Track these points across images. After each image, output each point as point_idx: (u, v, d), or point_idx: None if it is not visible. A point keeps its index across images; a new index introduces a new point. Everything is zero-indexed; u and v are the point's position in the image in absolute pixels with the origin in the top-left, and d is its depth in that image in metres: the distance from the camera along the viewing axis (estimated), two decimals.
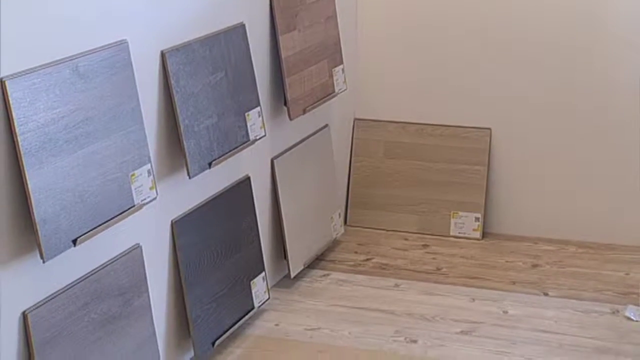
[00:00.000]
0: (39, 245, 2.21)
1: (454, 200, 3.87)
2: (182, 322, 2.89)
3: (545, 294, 3.41)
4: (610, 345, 3.04)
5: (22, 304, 2.27)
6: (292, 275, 3.45)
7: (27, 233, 2.24)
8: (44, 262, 2.23)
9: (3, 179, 2.19)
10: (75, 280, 2.41)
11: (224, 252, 3.04)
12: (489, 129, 3.86)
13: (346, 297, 3.39)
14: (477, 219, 3.84)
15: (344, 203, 4.01)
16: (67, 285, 2.38)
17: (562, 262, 3.65)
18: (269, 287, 3.32)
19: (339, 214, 3.83)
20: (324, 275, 3.56)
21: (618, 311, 3.25)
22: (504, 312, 3.28)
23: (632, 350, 2.99)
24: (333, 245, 3.77)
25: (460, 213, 3.86)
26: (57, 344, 2.33)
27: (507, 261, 3.67)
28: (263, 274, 3.25)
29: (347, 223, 3.99)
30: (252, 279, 3.19)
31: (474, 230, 3.85)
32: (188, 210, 2.90)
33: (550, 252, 3.74)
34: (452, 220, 3.87)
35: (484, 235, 3.87)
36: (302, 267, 3.52)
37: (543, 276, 3.53)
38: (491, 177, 3.88)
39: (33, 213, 2.19)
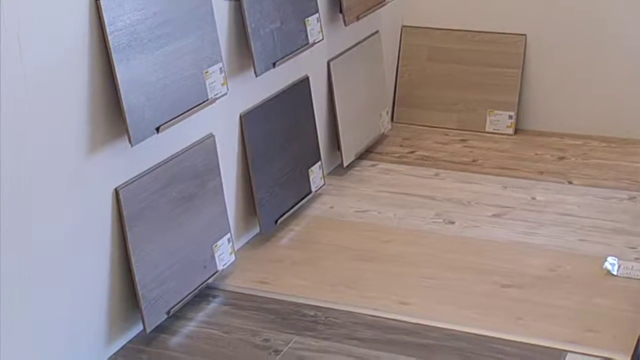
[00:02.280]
0: (127, 132, 2.29)
1: (490, 100, 3.88)
2: (249, 203, 2.96)
3: (570, 183, 3.42)
4: (627, 227, 3.06)
5: (114, 182, 2.36)
6: (345, 164, 3.49)
7: (117, 121, 2.32)
8: (132, 146, 2.31)
9: (96, 74, 2.26)
10: (158, 163, 2.49)
11: (285, 142, 3.09)
12: (524, 35, 3.84)
13: (392, 184, 3.43)
14: (510, 117, 3.85)
15: (391, 102, 4.02)
16: (151, 167, 2.46)
17: (586, 154, 3.66)
18: (325, 174, 3.36)
19: (387, 112, 3.86)
20: (373, 165, 3.59)
21: (635, 198, 3.27)
22: (532, 198, 3.31)
23: None
24: (381, 139, 3.80)
25: (496, 111, 3.87)
26: (144, 217, 2.43)
27: (536, 154, 3.68)
28: (319, 162, 3.30)
29: (394, 120, 4.00)
30: (310, 167, 3.24)
31: (507, 126, 3.86)
32: (254, 105, 2.95)
33: (576, 146, 3.74)
34: (488, 118, 3.88)
35: (516, 131, 3.87)
36: (353, 158, 3.56)
37: (568, 167, 3.55)
38: (525, 79, 3.86)
39: (122, 103, 2.26)
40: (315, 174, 3.25)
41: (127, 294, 2.43)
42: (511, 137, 3.84)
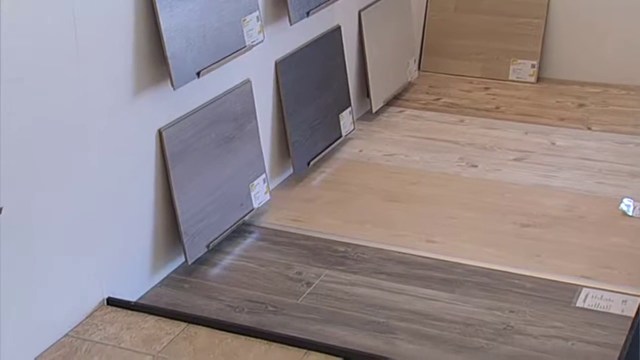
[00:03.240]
0: (170, 76, 2.32)
1: (513, 49, 3.86)
2: (283, 145, 2.99)
3: (589, 129, 3.42)
4: None
5: (157, 123, 2.39)
6: (374, 110, 3.50)
7: (161, 66, 2.34)
8: (174, 89, 2.34)
9: (141, 21, 2.28)
10: (199, 107, 2.52)
11: (318, 88, 3.10)
12: None
13: (418, 129, 3.43)
14: (533, 66, 3.84)
15: (419, 51, 4.01)
16: (192, 110, 2.50)
17: (605, 102, 3.64)
18: (354, 119, 3.38)
19: (414, 60, 3.85)
20: (400, 111, 3.60)
21: None
22: (552, 143, 3.31)
23: None
24: (408, 86, 3.80)
25: (519, 60, 3.85)
26: (185, 157, 2.46)
27: (557, 101, 3.67)
28: (350, 108, 3.31)
29: (421, 68, 4.00)
30: (340, 112, 3.25)
31: (529, 75, 3.85)
32: (289, 52, 2.96)
33: (595, 93, 3.72)
34: (511, 67, 3.87)
35: (539, 79, 3.86)
36: (382, 104, 3.57)
37: (588, 114, 3.54)
38: (548, 29, 3.84)
39: (165, 49, 2.29)
40: (346, 119, 3.27)
41: (170, 229, 2.48)
42: (533, 85, 3.83)
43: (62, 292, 2.17)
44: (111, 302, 2.31)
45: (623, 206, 2.80)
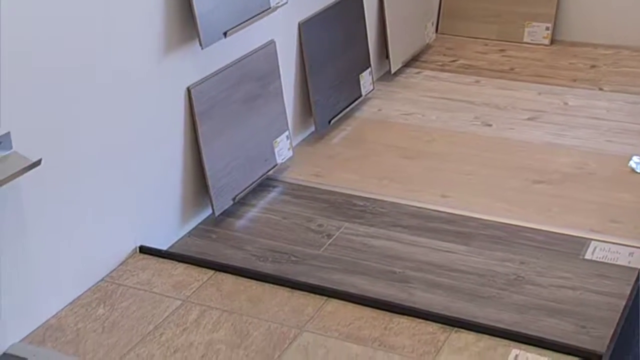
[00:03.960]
0: (198, 35, 2.34)
1: (528, 12, 3.84)
2: (306, 104, 3.01)
3: (600, 89, 3.41)
4: None
5: (186, 81, 2.41)
6: (392, 71, 3.51)
7: (189, 25, 2.36)
8: (202, 48, 2.36)
9: None
10: (225, 66, 2.54)
11: (339, 50, 3.11)
12: None
13: (435, 90, 3.44)
14: (547, 28, 3.82)
15: (437, 14, 3.99)
16: (219, 69, 2.51)
17: (617, 63, 3.63)
18: (374, 80, 3.38)
19: (432, 23, 3.84)
20: (418, 73, 3.60)
21: None
22: (564, 103, 3.31)
23: None
24: (426, 48, 3.80)
25: (533, 23, 3.84)
26: (212, 114, 2.49)
27: (570, 63, 3.66)
28: (369, 69, 3.32)
29: (438, 31, 3.98)
30: (360, 73, 3.26)
31: (544, 37, 3.83)
32: (312, 14, 2.96)
33: (607, 55, 3.71)
34: (526, 29, 3.86)
35: (552, 42, 3.84)
36: (400, 65, 3.57)
37: (600, 75, 3.53)
38: None
39: (193, 9, 2.30)
40: (365, 80, 3.28)
41: (199, 183, 2.52)
42: (547, 47, 3.82)
43: (98, 240, 2.21)
44: (143, 250, 2.35)
45: (632, 163, 2.81)
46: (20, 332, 2.03)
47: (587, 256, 2.38)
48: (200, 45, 2.33)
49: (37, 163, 1.89)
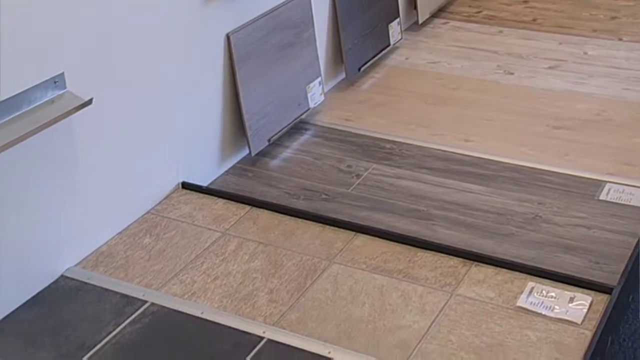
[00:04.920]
0: None
1: None
2: (337, 52, 3.01)
3: (620, 39, 3.37)
4: None
5: (225, 28, 2.43)
6: (420, 21, 3.49)
7: None
8: None
9: None
10: (262, 14, 2.55)
11: (369, 0, 3.09)
12: None
13: (460, 39, 3.42)
14: None
15: None
16: (256, 17, 2.52)
17: (637, 14, 3.56)
18: (402, 30, 3.37)
19: None
20: (444, 23, 3.57)
21: None
22: (584, 53, 3.28)
23: None
24: (452, 0, 3.77)
25: None
26: (249, 60, 2.51)
27: (591, 14, 3.60)
28: (398, 19, 3.30)
29: None
30: (389, 23, 3.25)
31: None
32: None
33: (628, 7, 3.64)
34: None
35: None
36: (427, 16, 3.55)
37: (620, 26, 3.48)
38: None
39: None
40: (394, 29, 3.27)
41: (236, 124, 2.55)
42: None
43: (144, 176, 2.27)
44: (186, 186, 2.40)
45: None
46: (76, 258, 2.10)
47: (602, 197, 2.39)
48: None
49: (89, 102, 1.94)
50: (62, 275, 2.06)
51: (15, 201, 1.89)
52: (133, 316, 1.94)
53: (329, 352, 1.82)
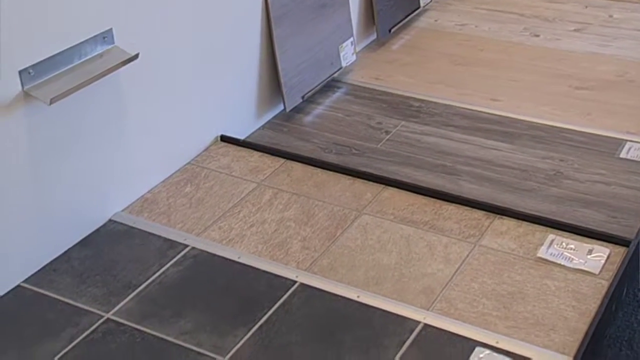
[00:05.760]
0: None
1: None
2: (369, 13, 3.01)
3: None
4: None
5: None
6: None
7: None
8: None
9: None
10: None
11: None
12: None
13: (487, 2, 3.38)
14: None
15: None
16: None
17: None
18: None
19: None
20: None
21: None
22: (609, 16, 3.24)
23: None
24: None
25: None
26: (285, 19, 2.51)
27: None
28: None
29: None
30: None
31: None
32: None
33: None
34: None
35: None
36: None
37: None
38: None
39: None
40: None
41: (272, 81, 2.57)
42: None
43: (186, 128, 2.31)
44: (224, 139, 2.44)
45: None
46: (122, 203, 2.16)
47: (622, 155, 2.39)
48: None
49: (135, 57, 1.97)
50: (110, 220, 2.12)
51: (68, 150, 1.94)
52: (175, 259, 2.00)
53: (358, 296, 1.85)
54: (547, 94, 2.72)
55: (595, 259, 1.95)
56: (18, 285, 1.90)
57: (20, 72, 1.75)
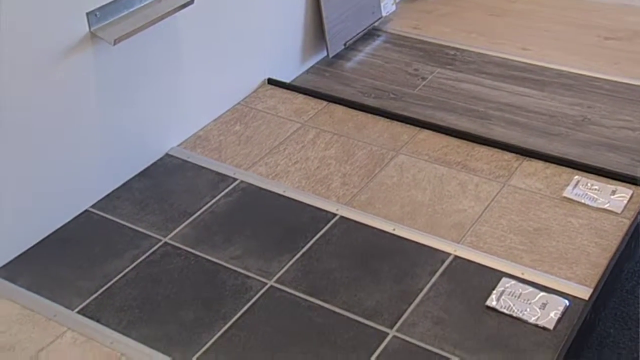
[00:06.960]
0: None
1: None
2: None
3: None
4: None
5: None
6: None
7: None
8: None
9: None
10: None
11: None
12: None
13: None
14: None
15: None
16: None
17: None
18: None
19: None
20: None
21: None
22: None
23: None
24: None
25: None
26: None
27: None
28: None
29: None
30: None
31: None
32: None
33: None
34: None
35: None
36: None
37: None
38: None
39: None
40: None
41: (316, 29, 2.56)
42: None
43: (236, 71, 2.32)
44: (271, 82, 2.45)
45: None
46: (178, 139, 2.20)
47: None
48: None
49: (191, 2, 1.99)
50: (166, 154, 2.16)
51: (130, 89, 1.98)
52: (226, 190, 2.04)
53: (394, 229, 1.89)
54: (577, 43, 2.69)
55: (618, 199, 1.95)
56: (86, 210, 1.97)
57: (87, 14, 1.78)
